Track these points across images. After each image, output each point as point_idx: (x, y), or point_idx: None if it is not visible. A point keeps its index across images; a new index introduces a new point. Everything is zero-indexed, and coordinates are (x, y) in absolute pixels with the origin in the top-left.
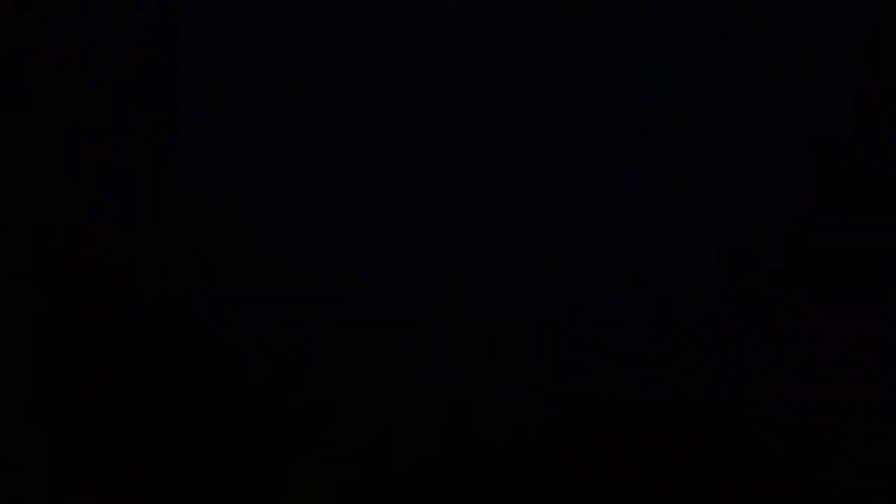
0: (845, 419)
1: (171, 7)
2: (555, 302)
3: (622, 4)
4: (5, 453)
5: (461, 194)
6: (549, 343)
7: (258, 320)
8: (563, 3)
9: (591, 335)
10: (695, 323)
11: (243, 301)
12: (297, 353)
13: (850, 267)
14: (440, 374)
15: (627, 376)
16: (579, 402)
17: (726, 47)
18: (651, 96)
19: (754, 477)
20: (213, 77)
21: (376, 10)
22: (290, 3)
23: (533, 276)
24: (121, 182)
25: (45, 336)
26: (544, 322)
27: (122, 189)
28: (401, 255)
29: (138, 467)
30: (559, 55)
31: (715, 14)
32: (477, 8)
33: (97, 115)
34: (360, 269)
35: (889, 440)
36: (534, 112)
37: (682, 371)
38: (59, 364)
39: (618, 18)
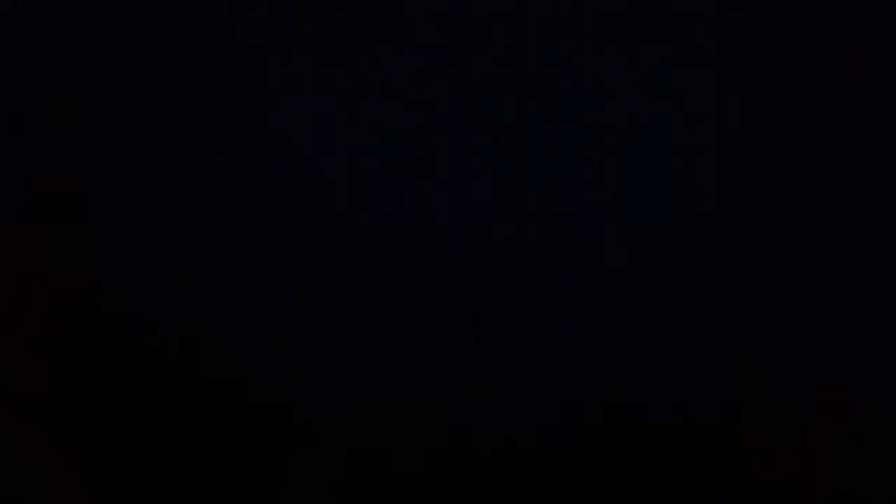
0: (846, 423)
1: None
2: (553, 311)
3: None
4: (5, 453)
5: (453, 200)
6: (549, 351)
7: (257, 326)
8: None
9: (589, 344)
10: (697, 333)
11: (245, 307)
12: (294, 357)
13: (852, 269)
14: (439, 380)
15: (628, 386)
16: (578, 414)
17: (726, 47)
18: (650, 98)
19: (754, 484)
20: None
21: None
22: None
23: (533, 279)
24: (110, 195)
25: (42, 339)
26: (544, 330)
27: (114, 201)
28: (396, 264)
29: (136, 468)
30: (551, 63)
31: (715, 14)
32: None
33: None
34: (356, 275)
35: (889, 441)
36: (533, 122)
37: (685, 378)
38: (58, 366)
39: (616, 16)
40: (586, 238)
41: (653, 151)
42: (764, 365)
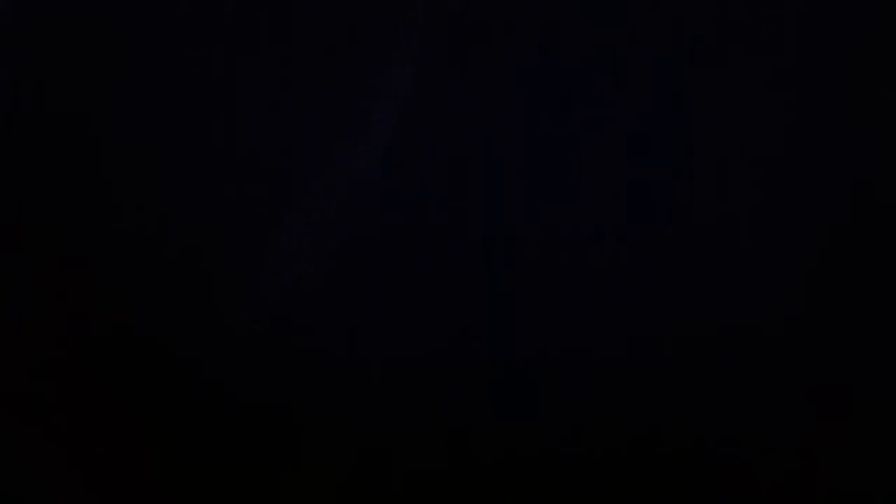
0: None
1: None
2: (554, 312)
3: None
4: (5, 453)
5: (453, 200)
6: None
7: (257, 327)
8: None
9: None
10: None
11: (245, 308)
12: (294, 358)
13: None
14: (439, 381)
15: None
16: (578, 416)
17: (727, 47)
18: (650, 99)
19: (755, 484)
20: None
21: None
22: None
23: (533, 279)
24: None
25: (42, 338)
26: (545, 357)
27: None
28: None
29: (136, 468)
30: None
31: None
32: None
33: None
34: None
35: (889, 441)
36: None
37: (685, 378)
38: (58, 366)
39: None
40: (586, 239)
41: (653, 152)
42: (764, 365)
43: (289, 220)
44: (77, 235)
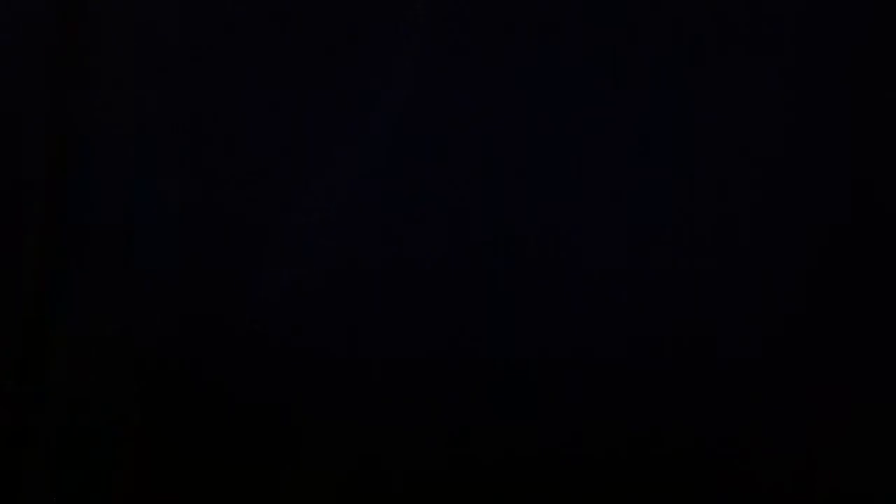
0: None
1: None
2: (553, 313)
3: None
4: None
5: (452, 200)
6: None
7: (258, 331)
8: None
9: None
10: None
11: (247, 313)
12: (292, 360)
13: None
14: (438, 382)
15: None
16: (579, 417)
17: (727, 49)
18: (650, 99)
19: (755, 484)
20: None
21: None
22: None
23: (533, 280)
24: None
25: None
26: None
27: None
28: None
29: (135, 468)
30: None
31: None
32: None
33: None
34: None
35: (889, 441)
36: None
37: (685, 379)
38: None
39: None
40: (586, 239)
41: (653, 152)
42: (764, 365)
43: (289, 220)
44: (77, 235)
